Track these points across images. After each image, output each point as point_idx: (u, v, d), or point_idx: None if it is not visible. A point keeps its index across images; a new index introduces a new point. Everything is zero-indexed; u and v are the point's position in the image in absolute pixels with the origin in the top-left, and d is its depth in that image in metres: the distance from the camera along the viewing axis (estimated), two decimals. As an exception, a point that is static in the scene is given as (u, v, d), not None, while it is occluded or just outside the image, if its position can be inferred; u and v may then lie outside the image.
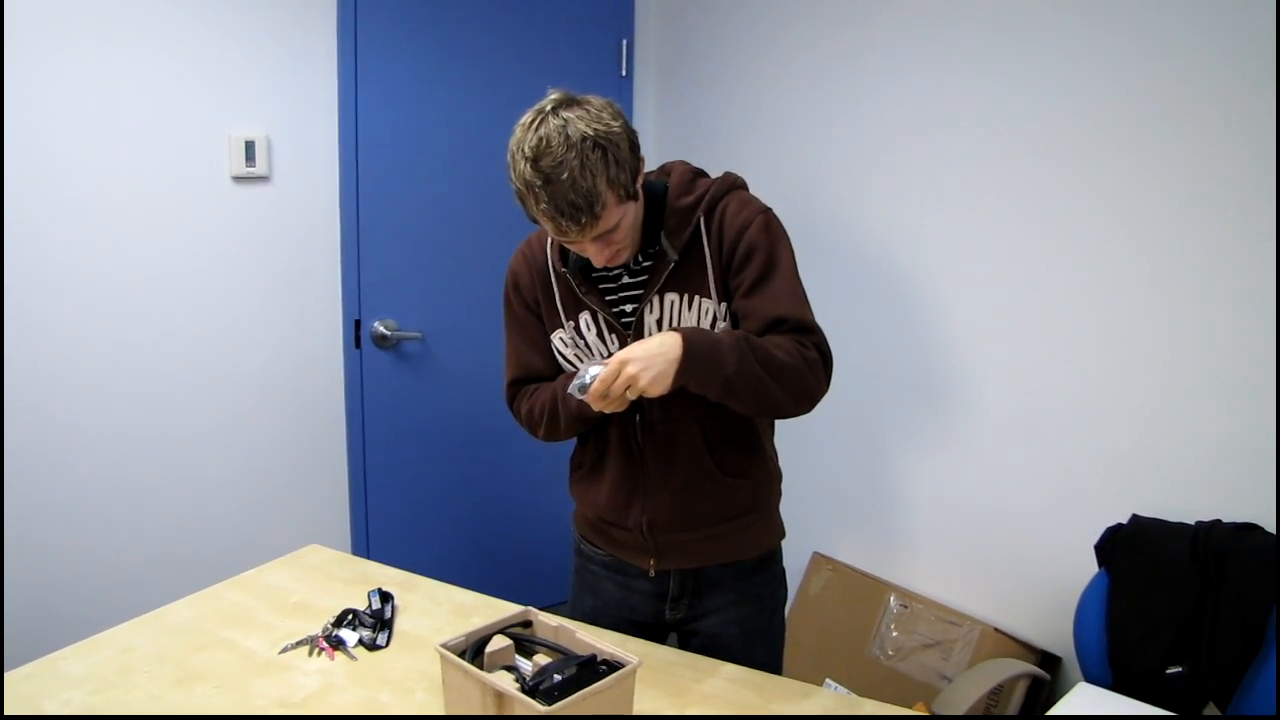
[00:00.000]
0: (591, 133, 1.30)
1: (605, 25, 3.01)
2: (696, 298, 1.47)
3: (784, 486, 1.71)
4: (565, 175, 1.29)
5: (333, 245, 2.62)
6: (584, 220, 1.31)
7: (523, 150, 1.32)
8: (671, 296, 1.48)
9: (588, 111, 1.33)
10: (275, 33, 2.42)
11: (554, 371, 1.61)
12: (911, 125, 2.47)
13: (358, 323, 2.69)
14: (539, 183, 1.30)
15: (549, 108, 1.33)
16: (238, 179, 2.42)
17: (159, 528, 2.41)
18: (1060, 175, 2.19)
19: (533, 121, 1.33)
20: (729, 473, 1.56)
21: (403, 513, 2.86)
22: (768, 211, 1.50)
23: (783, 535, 1.69)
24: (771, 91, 2.81)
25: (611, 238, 1.39)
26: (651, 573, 1.60)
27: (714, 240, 1.47)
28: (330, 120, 2.55)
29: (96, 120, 2.18)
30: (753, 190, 1.57)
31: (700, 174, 1.55)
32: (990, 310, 2.37)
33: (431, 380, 2.85)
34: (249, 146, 2.41)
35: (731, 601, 1.62)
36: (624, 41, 3.04)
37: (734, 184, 1.53)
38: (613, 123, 1.34)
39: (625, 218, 1.38)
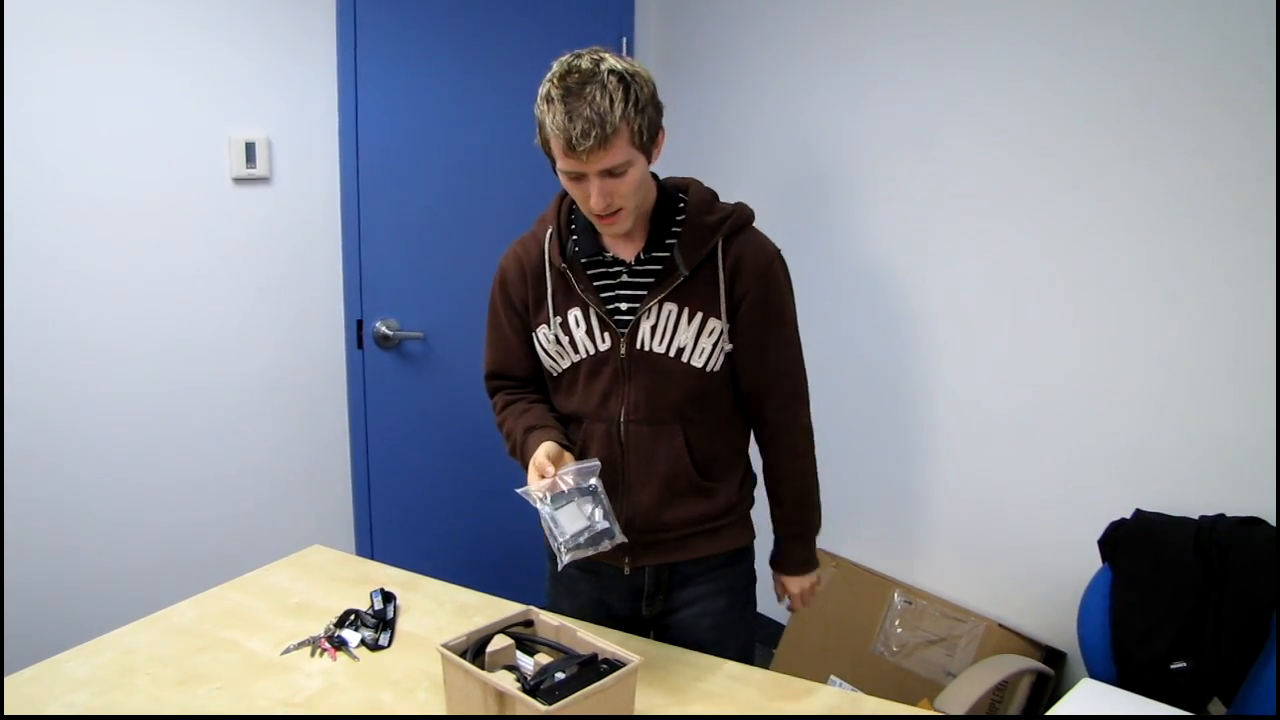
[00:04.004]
0: (620, 68, 1.36)
1: (605, 21, 3.01)
2: (709, 318, 1.50)
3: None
4: (587, 92, 1.32)
5: (334, 246, 2.62)
6: (595, 136, 1.32)
7: (553, 72, 1.37)
8: (670, 306, 1.50)
9: (623, 58, 1.39)
10: (274, 34, 2.41)
11: (526, 373, 1.65)
12: (913, 123, 2.46)
13: (359, 323, 2.69)
14: (559, 95, 1.34)
15: (588, 49, 1.39)
16: (238, 180, 2.42)
17: (161, 529, 2.42)
18: (1063, 173, 2.18)
19: (569, 55, 1.39)
20: (708, 477, 1.58)
21: (406, 512, 2.86)
22: (780, 254, 1.57)
23: (754, 536, 1.70)
24: (772, 88, 2.80)
25: (616, 185, 1.39)
26: (627, 570, 1.61)
27: (729, 267, 1.50)
28: (330, 121, 2.55)
29: (96, 123, 2.18)
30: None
31: (715, 195, 1.58)
32: (993, 307, 2.36)
33: (434, 380, 2.85)
34: (249, 148, 2.41)
35: (704, 594, 1.63)
36: (624, 39, 3.03)
37: (751, 217, 1.57)
38: (643, 74, 1.40)
39: (633, 169, 1.40)
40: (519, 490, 1.38)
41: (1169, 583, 1.91)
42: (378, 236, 2.67)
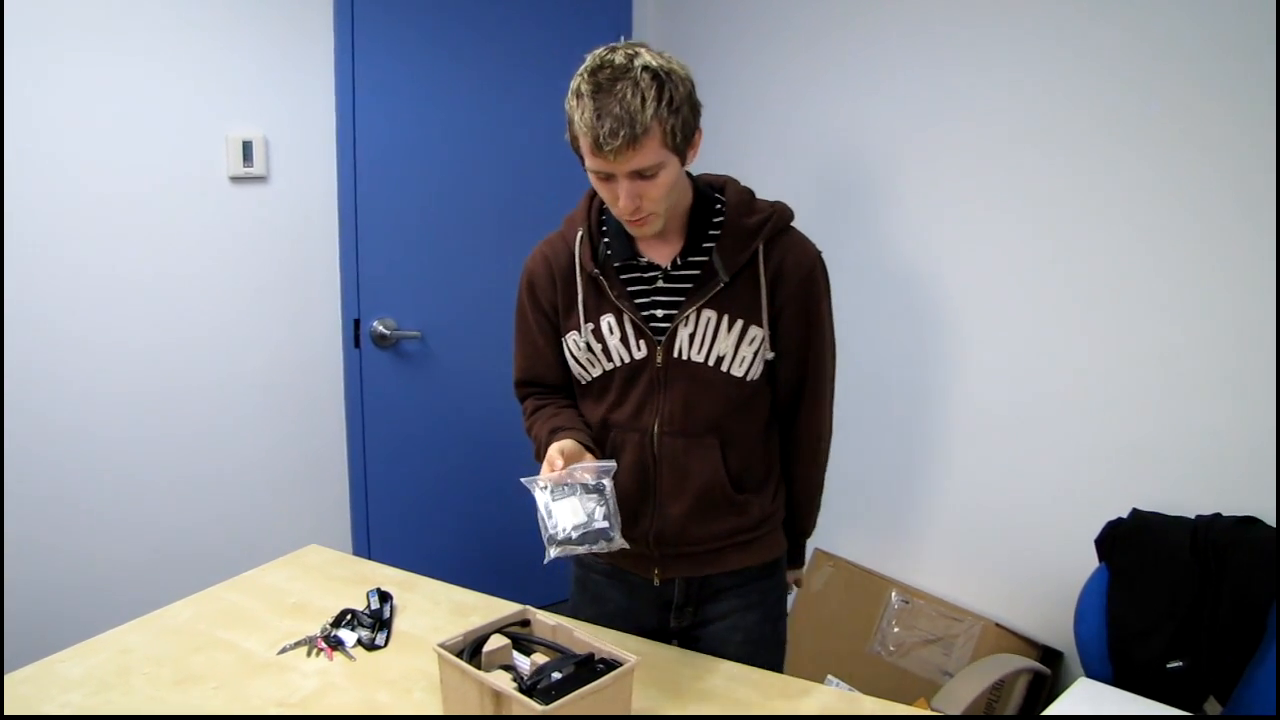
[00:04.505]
0: (655, 65, 1.29)
1: (602, 20, 3.00)
2: (750, 325, 1.45)
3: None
4: (617, 89, 1.26)
5: (331, 245, 2.61)
6: (623, 135, 1.26)
7: (585, 65, 1.31)
8: (709, 313, 1.44)
9: (660, 54, 1.33)
10: (272, 33, 2.41)
11: (558, 380, 1.59)
12: (912, 123, 2.46)
13: (357, 322, 2.69)
14: (589, 91, 1.28)
15: (624, 42, 1.34)
16: (235, 179, 2.41)
17: (157, 528, 2.41)
18: (1061, 173, 2.18)
19: (603, 49, 1.33)
20: (743, 489, 1.53)
21: (403, 512, 2.86)
22: (820, 256, 1.51)
23: (785, 546, 1.65)
24: (771, 87, 2.80)
25: (646, 188, 1.33)
26: (657, 582, 1.57)
27: (771, 272, 1.45)
28: (327, 119, 2.55)
29: (93, 122, 2.18)
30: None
31: (753, 194, 1.52)
32: (990, 307, 2.36)
33: (431, 379, 2.85)
34: (246, 147, 2.41)
35: (735, 608, 1.58)
36: (622, 36, 3.03)
37: (791, 216, 1.51)
38: (680, 71, 1.34)
39: (665, 171, 1.34)
40: (523, 480, 1.34)
41: (1165, 582, 1.91)
42: (375, 235, 2.67)
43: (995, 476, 2.40)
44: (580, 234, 1.49)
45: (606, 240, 1.49)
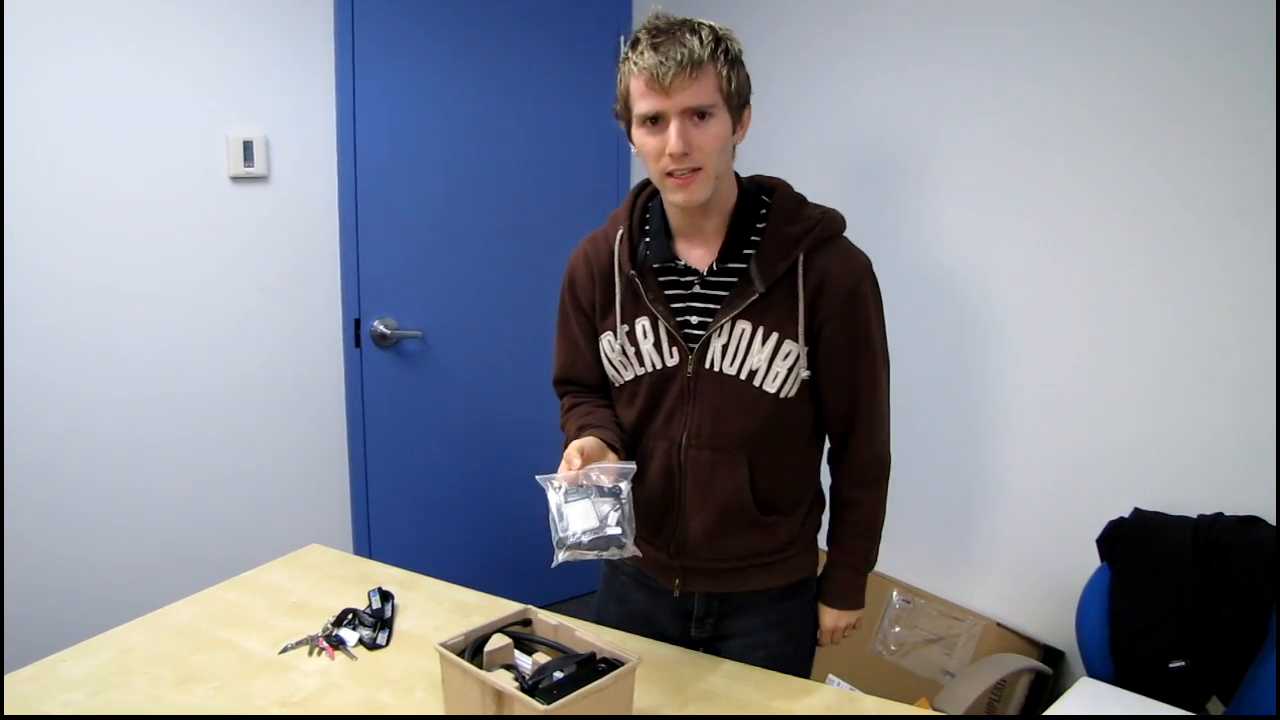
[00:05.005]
0: (710, 24, 1.32)
1: (602, 20, 3.00)
2: (785, 340, 1.39)
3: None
4: (677, 33, 1.28)
5: (332, 244, 2.61)
6: (682, 61, 1.26)
7: (643, 22, 1.34)
8: (744, 325, 1.39)
9: (714, 22, 1.34)
10: (273, 32, 2.41)
11: (596, 380, 1.56)
12: (914, 123, 2.45)
13: (357, 322, 2.69)
14: (647, 37, 1.29)
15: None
16: (236, 179, 2.41)
17: (159, 529, 2.41)
18: (1063, 173, 2.18)
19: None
20: (769, 511, 1.48)
21: (404, 511, 2.86)
22: (870, 268, 1.45)
23: (817, 565, 1.60)
24: (772, 86, 2.79)
25: (698, 134, 1.30)
26: (677, 593, 1.54)
27: (811, 285, 1.38)
28: (328, 119, 2.54)
29: (94, 122, 2.18)
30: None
31: (803, 200, 1.47)
32: (991, 307, 2.36)
33: (432, 378, 2.85)
34: (247, 146, 2.40)
35: (757, 627, 1.55)
36: (621, 36, 3.03)
37: (841, 226, 1.45)
38: (734, 38, 1.35)
39: (717, 120, 1.31)
40: (538, 477, 1.29)
41: (1167, 581, 1.90)
42: (375, 235, 2.67)
43: (996, 475, 2.40)
44: (621, 233, 1.47)
45: (647, 241, 1.46)
